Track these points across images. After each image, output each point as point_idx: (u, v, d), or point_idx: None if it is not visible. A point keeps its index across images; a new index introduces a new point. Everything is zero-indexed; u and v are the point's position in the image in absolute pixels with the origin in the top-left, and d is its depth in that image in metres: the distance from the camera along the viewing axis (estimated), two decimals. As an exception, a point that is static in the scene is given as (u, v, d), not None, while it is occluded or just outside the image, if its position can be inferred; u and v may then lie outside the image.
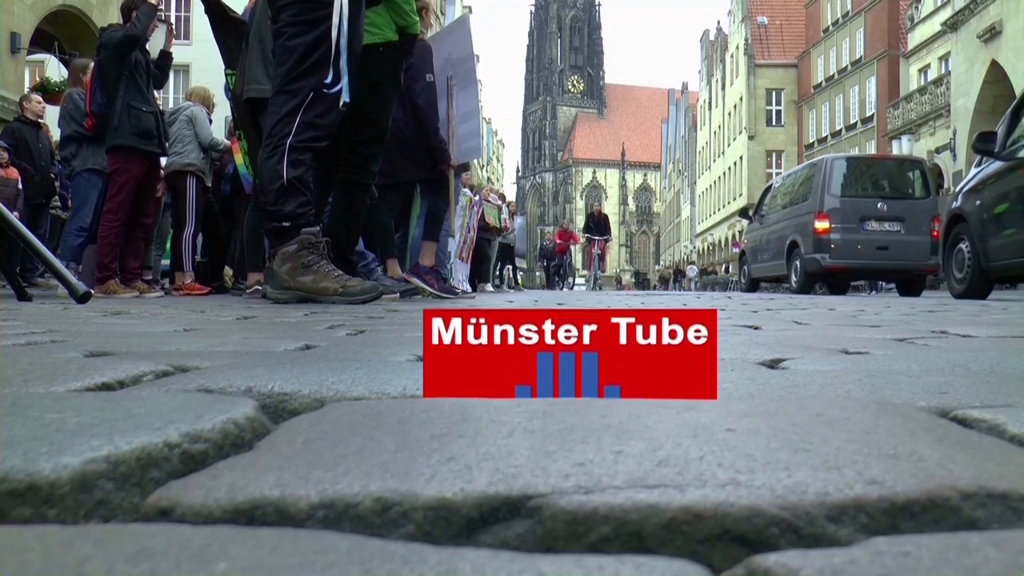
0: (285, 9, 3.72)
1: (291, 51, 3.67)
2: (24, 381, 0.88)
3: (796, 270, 12.04)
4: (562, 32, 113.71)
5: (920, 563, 0.35)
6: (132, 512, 0.46)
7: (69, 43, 15.60)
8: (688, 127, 74.97)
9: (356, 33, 3.78)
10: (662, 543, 0.40)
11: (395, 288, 4.98)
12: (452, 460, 0.50)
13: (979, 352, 1.39)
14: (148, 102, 6.13)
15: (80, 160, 6.64)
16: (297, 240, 3.57)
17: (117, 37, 5.90)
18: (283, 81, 3.68)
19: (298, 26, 3.67)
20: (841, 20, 40.00)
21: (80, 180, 6.71)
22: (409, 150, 5.58)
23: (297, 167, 3.59)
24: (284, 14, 3.73)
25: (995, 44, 22.69)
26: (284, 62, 3.71)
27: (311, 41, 3.63)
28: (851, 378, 0.97)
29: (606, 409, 0.69)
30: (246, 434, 0.61)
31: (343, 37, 3.63)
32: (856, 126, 37.94)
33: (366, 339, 1.65)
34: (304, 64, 3.63)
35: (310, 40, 3.64)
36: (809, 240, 11.55)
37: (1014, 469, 0.48)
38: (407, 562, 0.35)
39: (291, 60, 3.66)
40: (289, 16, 3.71)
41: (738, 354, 1.34)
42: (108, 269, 5.97)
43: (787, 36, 48.79)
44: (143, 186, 6.18)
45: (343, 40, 3.63)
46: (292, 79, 3.64)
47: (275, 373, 0.92)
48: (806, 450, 0.53)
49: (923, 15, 31.10)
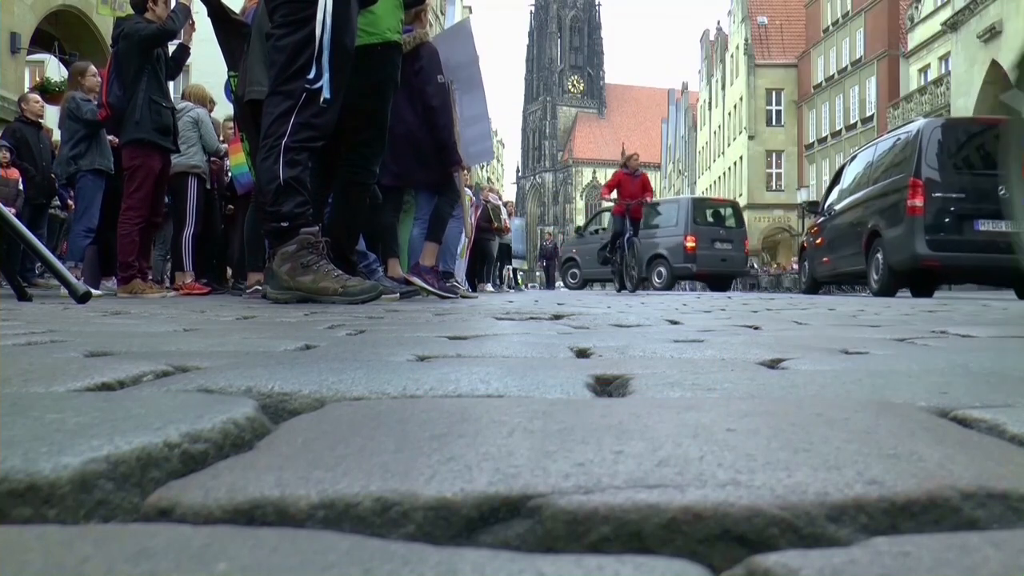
0: (276, 10, 3.74)
1: (282, 51, 3.68)
2: (24, 381, 0.88)
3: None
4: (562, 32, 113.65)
5: (920, 563, 0.35)
6: (132, 512, 0.46)
7: (69, 43, 15.60)
8: (688, 127, 74.93)
9: (347, 30, 3.77)
10: (662, 543, 0.40)
11: (395, 288, 4.98)
12: (452, 460, 0.50)
13: (979, 352, 1.39)
14: (167, 97, 6.11)
15: (87, 160, 6.62)
16: (296, 240, 3.58)
17: (150, 31, 5.83)
18: (277, 82, 3.69)
19: (288, 26, 3.69)
20: (841, 20, 40.01)
21: (85, 181, 6.70)
22: (421, 153, 5.58)
23: (293, 167, 3.59)
24: (276, 15, 3.75)
25: (995, 44, 22.70)
26: (276, 62, 3.72)
27: (301, 40, 3.64)
28: (851, 378, 0.97)
29: (606, 409, 0.69)
30: (246, 434, 0.61)
31: (327, 33, 3.63)
32: (856, 126, 37.93)
33: (366, 339, 1.65)
34: (295, 64, 3.63)
35: (300, 39, 3.64)
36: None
37: (1014, 469, 0.48)
38: (407, 562, 0.35)
39: (282, 60, 3.67)
40: (280, 17, 3.72)
41: (738, 354, 1.34)
42: (131, 268, 5.92)
43: (787, 36, 48.77)
44: (157, 183, 6.15)
45: (327, 36, 3.63)
46: (285, 79, 3.65)
47: (275, 373, 0.92)
48: (806, 450, 0.53)
49: (923, 15, 31.11)
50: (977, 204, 8.37)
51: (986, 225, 8.40)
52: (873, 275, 9.51)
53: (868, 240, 9.61)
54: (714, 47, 61.14)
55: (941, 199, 8.59)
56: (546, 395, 0.86)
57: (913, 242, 8.60)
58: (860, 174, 10.59)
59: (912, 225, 8.62)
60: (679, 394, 0.87)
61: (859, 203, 10.15)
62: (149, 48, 5.87)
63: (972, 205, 8.43)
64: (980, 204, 8.29)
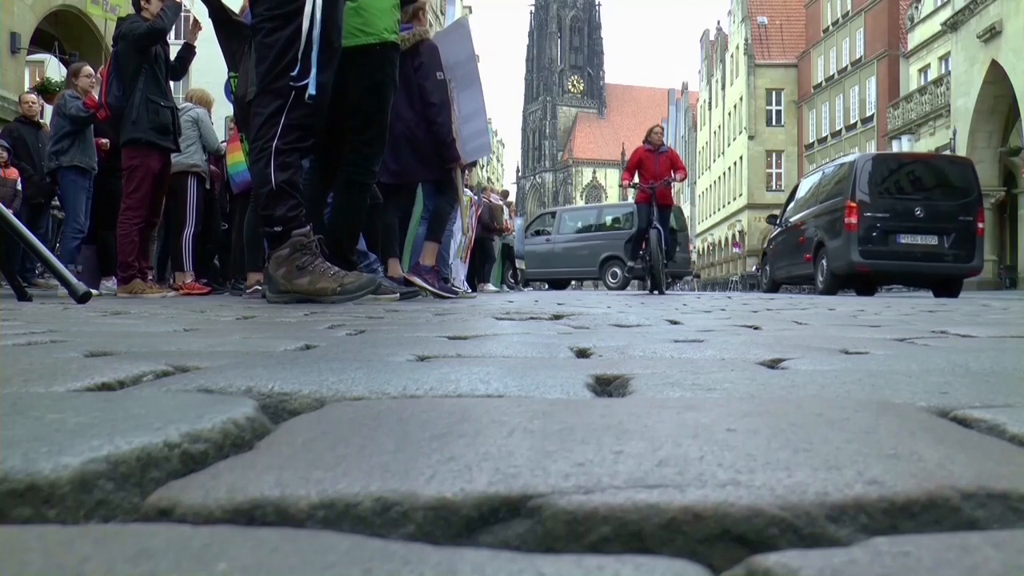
0: (260, 2, 3.66)
1: (270, 47, 3.62)
2: (24, 381, 0.88)
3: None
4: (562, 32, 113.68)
5: (920, 563, 0.35)
6: (132, 512, 0.46)
7: (69, 43, 15.60)
8: (688, 127, 74.92)
9: (335, 26, 3.74)
10: (662, 543, 0.40)
11: (395, 288, 4.98)
12: (452, 460, 0.50)
13: (979, 352, 1.39)
14: (166, 96, 6.10)
15: (68, 157, 6.62)
16: (289, 244, 3.57)
17: (141, 29, 5.84)
18: (266, 80, 3.63)
19: (274, 21, 3.62)
20: (841, 20, 39.99)
21: (67, 180, 6.69)
22: (420, 151, 5.58)
23: (285, 170, 3.57)
24: (259, 6, 3.66)
25: (995, 44, 22.68)
26: (264, 59, 3.64)
27: (288, 36, 3.58)
28: (851, 378, 0.97)
29: (606, 409, 0.69)
30: (246, 434, 0.61)
31: (315, 29, 3.58)
32: (856, 126, 37.93)
33: (366, 339, 1.65)
34: (283, 61, 3.58)
35: (287, 35, 3.58)
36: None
37: (1014, 469, 0.48)
38: (407, 562, 0.35)
39: (270, 57, 3.61)
40: (265, 10, 3.64)
41: (738, 354, 1.34)
42: (131, 268, 5.91)
43: (787, 36, 48.76)
44: (157, 183, 6.14)
45: (315, 32, 3.59)
46: (274, 77, 3.60)
47: (275, 373, 0.92)
48: (806, 450, 0.53)
49: (923, 15, 31.09)
50: (899, 222, 10.63)
51: (906, 239, 10.65)
52: (819, 278, 11.54)
53: (815, 249, 11.70)
54: (714, 47, 61.14)
55: (871, 218, 10.66)
56: (546, 395, 0.86)
57: (849, 252, 10.64)
58: (810, 193, 12.80)
59: (848, 238, 10.67)
60: (679, 394, 0.87)
61: (808, 218, 12.27)
62: (143, 47, 5.87)
63: (895, 223, 10.64)
64: (901, 222, 10.62)
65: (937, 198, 10.93)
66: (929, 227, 10.60)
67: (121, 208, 6.04)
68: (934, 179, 11.24)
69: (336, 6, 3.73)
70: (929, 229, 10.60)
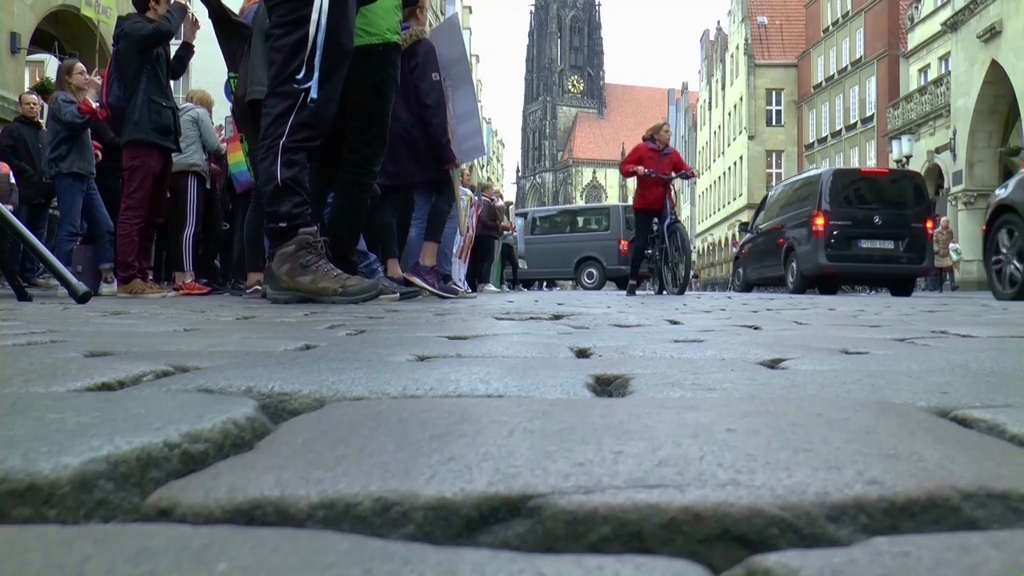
0: (274, 9, 3.76)
1: (279, 51, 3.70)
2: (24, 381, 0.88)
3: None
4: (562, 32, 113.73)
5: (920, 563, 0.35)
6: (132, 512, 0.46)
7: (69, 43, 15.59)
8: (688, 127, 74.89)
9: (344, 30, 3.78)
10: (662, 543, 0.40)
11: (395, 288, 4.98)
12: (452, 460, 0.50)
13: (979, 352, 1.39)
14: (167, 97, 6.09)
15: (67, 163, 6.60)
16: (295, 241, 3.58)
17: (146, 31, 5.82)
18: (275, 82, 3.71)
19: (285, 27, 3.71)
20: (841, 20, 39.99)
21: (64, 184, 6.68)
22: (416, 151, 5.58)
23: (291, 167, 3.60)
24: (273, 14, 3.77)
25: (995, 44, 22.68)
26: (274, 63, 3.74)
27: (297, 40, 3.65)
28: (851, 378, 0.97)
29: (606, 409, 0.69)
30: (246, 434, 0.61)
31: (321, 34, 3.64)
32: (856, 126, 37.93)
33: (366, 339, 1.65)
34: (292, 64, 3.65)
35: (296, 40, 3.66)
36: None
37: (1014, 469, 0.48)
38: (407, 562, 0.35)
39: (280, 60, 3.69)
40: (277, 16, 3.74)
41: (738, 354, 1.34)
42: (131, 268, 5.91)
43: (787, 36, 48.75)
44: (157, 183, 6.14)
45: (320, 36, 3.64)
46: (283, 80, 3.67)
47: (275, 373, 0.92)
48: (806, 450, 0.53)
49: (923, 15, 31.09)
50: (860, 229, 12.01)
51: (866, 244, 12.00)
52: (790, 278, 12.94)
53: (786, 253, 13.05)
54: (714, 47, 61.14)
55: (836, 225, 11.99)
56: (546, 395, 0.86)
57: (817, 256, 12.00)
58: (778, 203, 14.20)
59: (816, 244, 12.05)
60: (679, 394, 0.87)
61: (779, 225, 13.59)
62: (147, 48, 5.86)
63: (856, 230, 12.02)
64: (862, 229, 12.01)
65: (892, 207, 12.33)
66: (886, 233, 12.01)
67: (121, 208, 6.03)
68: (889, 191, 12.73)
69: (344, 11, 3.76)
70: (886, 235, 12.02)
